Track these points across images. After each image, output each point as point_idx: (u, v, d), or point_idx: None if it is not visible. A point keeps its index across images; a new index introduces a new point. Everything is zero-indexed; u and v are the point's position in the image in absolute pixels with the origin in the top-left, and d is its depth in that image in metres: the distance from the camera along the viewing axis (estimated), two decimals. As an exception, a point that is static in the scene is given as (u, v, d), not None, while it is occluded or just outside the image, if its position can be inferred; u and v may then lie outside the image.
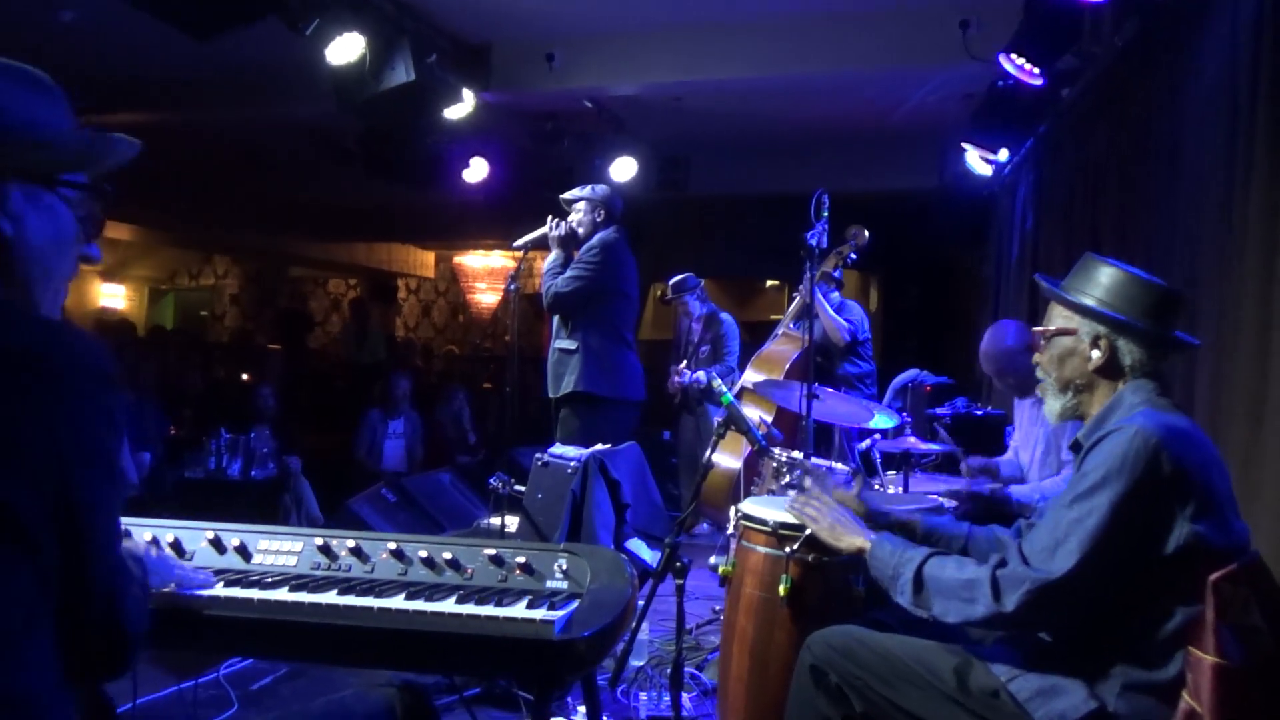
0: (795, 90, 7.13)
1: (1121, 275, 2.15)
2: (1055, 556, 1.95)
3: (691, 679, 3.64)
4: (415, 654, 1.98)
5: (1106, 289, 2.15)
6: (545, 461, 4.09)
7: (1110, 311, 2.12)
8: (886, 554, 2.23)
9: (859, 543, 2.34)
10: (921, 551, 2.18)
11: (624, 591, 2.01)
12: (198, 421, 7.65)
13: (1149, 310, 2.11)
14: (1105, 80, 4.98)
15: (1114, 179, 4.68)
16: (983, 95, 5.80)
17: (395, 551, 2.16)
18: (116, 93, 7.22)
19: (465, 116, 6.15)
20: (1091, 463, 1.99)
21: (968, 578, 2.04)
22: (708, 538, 6.23)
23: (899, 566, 2.18)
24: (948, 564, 2.11)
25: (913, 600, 2.14)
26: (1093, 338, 2.15)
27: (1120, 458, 1.93)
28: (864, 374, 6.25)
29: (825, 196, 4.47)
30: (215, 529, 2.23)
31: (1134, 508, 1.92)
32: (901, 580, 2.16)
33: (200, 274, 17.56)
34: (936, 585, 2.10)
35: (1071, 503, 1.98)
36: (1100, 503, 1.93)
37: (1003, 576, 1.99)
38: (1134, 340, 2.12)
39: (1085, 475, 1.99)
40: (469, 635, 1.88)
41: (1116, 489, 1.92)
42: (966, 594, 2.03)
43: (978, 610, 2.01)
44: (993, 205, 8.12)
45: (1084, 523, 1.93)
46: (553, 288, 4.96)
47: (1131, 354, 2.12)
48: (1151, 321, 2.11)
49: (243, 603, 1.97)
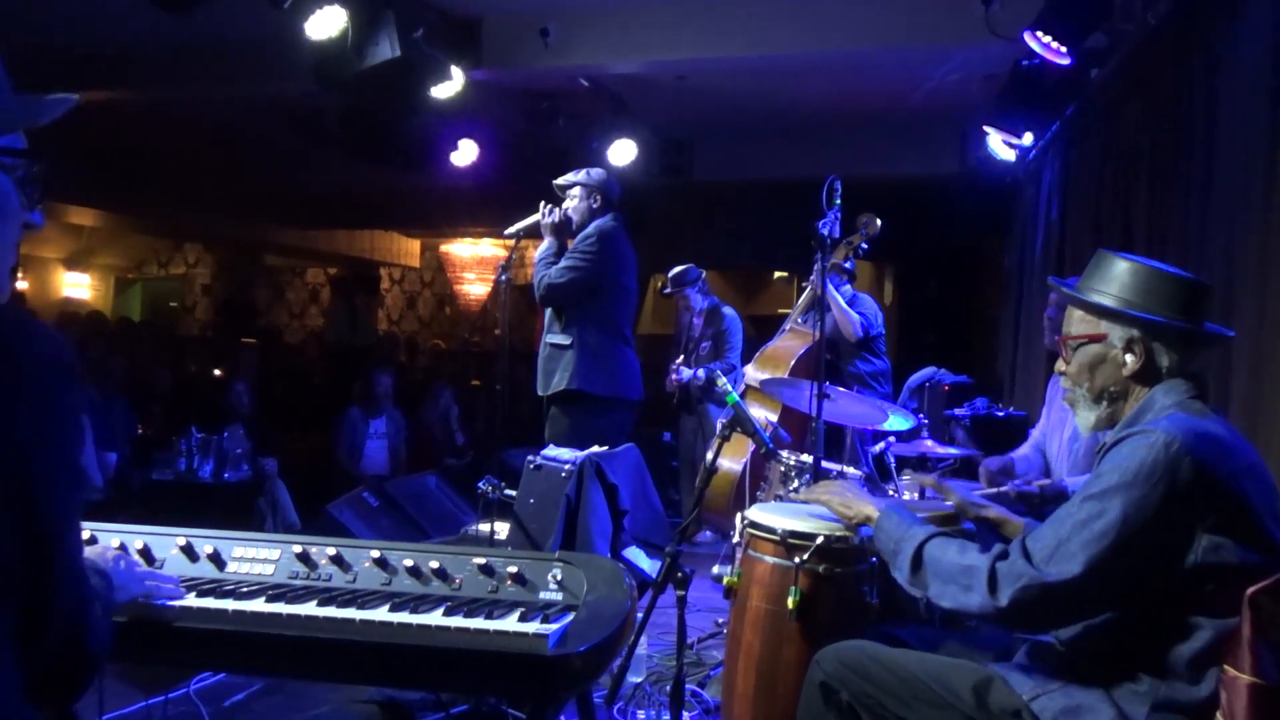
0: (807, 69, 7.12)
1: (1144, 270, 2.14)
2: (1055, 556, 1.96)
3: (693, 697, 3.64)
4: (400, 669, 1.98)
5: (1130, 287, 2.13)
6: (538, 464, 4.08)
7: (1141, 313, 2.10)
8: (892, 525, 2.27)
9: (868, 511, 2.39)
10: (926, 529, 2.21)
11: (622, 603, 2.02)
12: (167, 420, 7.66)
13: (1180, 306, 2.11)
14: (1137, 60, 4.98)
15: (1146, 165, 4.67)
16: (1006, 75, 5.80)
17: (379, 560, 2.16)
18: (82, 68, 7.22)
19: (454, 96, 6.15)
20: (1109, 463, 2.00)
21: (967, 564, 2.06)
22: (710, 546, 6.23)
23: (901, 541, 2.22)
24: (950, 546, 2.13)
25: (909, 578, 2.18)
26: (1125, 342, 2.13)
27: (1139, 462, 1.93)
28: (877, 372, 6.26)
29: (838, 183, 4.48)
30: (187, 535, 2.23)
31: (1146, 517, 1.92)
32: (901, 556, 2.20)
33: (170, 262, 17.56)
34: (935, 567, 2.13)
35: (1082, 503, 1.98)
36: (1110, 507, 1.93)
37: (1001, 569, 2.00)
38: (1169, 341, 2.11)
39: (1100, 476, 1.99)
40: (457, 650, 1.89)
41: (1129, 495, 1.92)
42: (964, 580, 2.05)
43: (973, 600, 2.03)
44: (1016, 193, 8.12)
45: (1090, 525, 1.94)
46: (546, 278, 4.96)
47: (1168, 355, 2.11)
48: (1184, 318, 2.11)
49: (216, 614, 1.97)
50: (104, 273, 17.19)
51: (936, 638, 2.42)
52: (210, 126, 9.28)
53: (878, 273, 12.23)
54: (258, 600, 2.02)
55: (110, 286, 17.37)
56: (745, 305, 12.74)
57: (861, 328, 6.01)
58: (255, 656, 2.05)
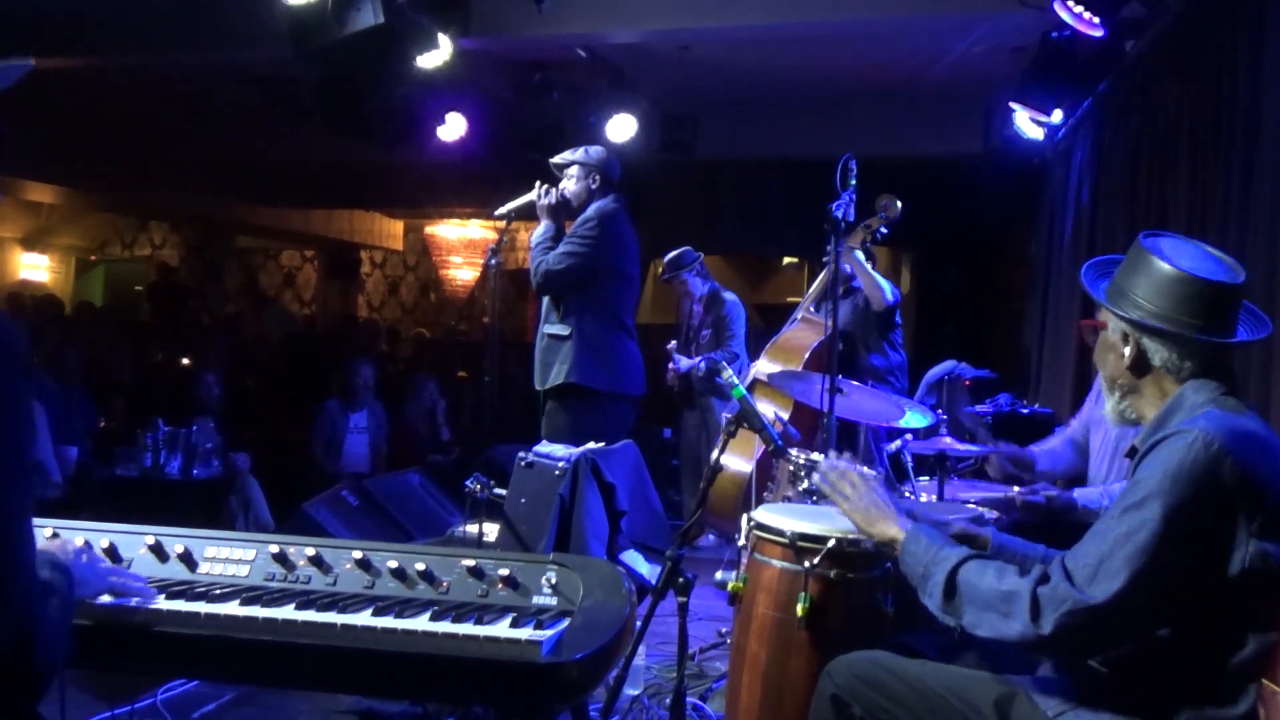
0: (820, 40, 7.11)
1: (1148, 260, 2.15)
2: (1099, 575, 1.95)
3: (694, 711, 3.66)
4: (383, 678, 2.00)
5: (1129, 276, 2.18)
6: (530, 461, 4.10)
7: (1113, 305, 2.16)
8: (921, 549, 2.23)
9: (892, 532, 2.33)
10: (960, 552, 2.18)
11: (621, 610, 2.03)
12: (131, 412, 7.66)
13: (1179, 304, 2.10)
14: (1176, 33, 4.98)
15: (1184, 147, 4.68)
16: (1035, 48, 5.79)
17: (361, 561, 2.17)
18: (37, 32, 7.19)
19: (441, 65, 6.13)
20: (1145, 470, 2.00)
21: (1007, 589, 2.04)
22: (714, 551, 6.26)
23: (932, 565, 2.18)
24: (988, 570, 2.11)
25: (942, 605, 2.14)
26: (1121, 333, 2.18)
27: (1177, 465, 1.94)
28: (894, 366, 6.26)
29: (853, 162, 4.48)
30: (156, 534, 2.25)
31: (1190, 522, 1.92)
32: (932, 581, 2.16)
33: (134, 243, 17.56)
34: (971, 593, 2.10)
35: (1121, 514, 1.98)
36: (1151, 516, 1.93)
37: (1043, 594, 1.99)
38: (1160, 338, 2.12)
39: (1138, 484, 2.00)
40: (444, 657, 1.90)
41: (1170, 500, 1.93)
42: (1003, 607, 2.03)
43: (1013, 628, 2.01)
44: (1044, 174, 8.12)
45: (1133, 538, 1.94)
46: (543, 265, 4.96)
47: (1158, 353, 2.14)
48: (1185, 321, 2.10)
49: (187, 617, 1.99)
50: (64, 254, 17.18)
51: (954, 649, 2.43)
52: (178, 97, 9.26)
53: (894, 259, 12.22)
54: (232, 603, 2.03)
55: (71, 268, 17.36)
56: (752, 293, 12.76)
57: (893, 291, 5.99)
58: (228, 663, 2.06)
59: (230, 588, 2.12)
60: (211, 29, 7.09)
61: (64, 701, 2.42)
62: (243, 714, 3.66)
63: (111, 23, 7.28)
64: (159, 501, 5.90)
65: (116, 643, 1.97)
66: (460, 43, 6.37)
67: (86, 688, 3.28)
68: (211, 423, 6.56)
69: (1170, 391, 2.14)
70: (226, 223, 15.63)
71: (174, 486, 6.11)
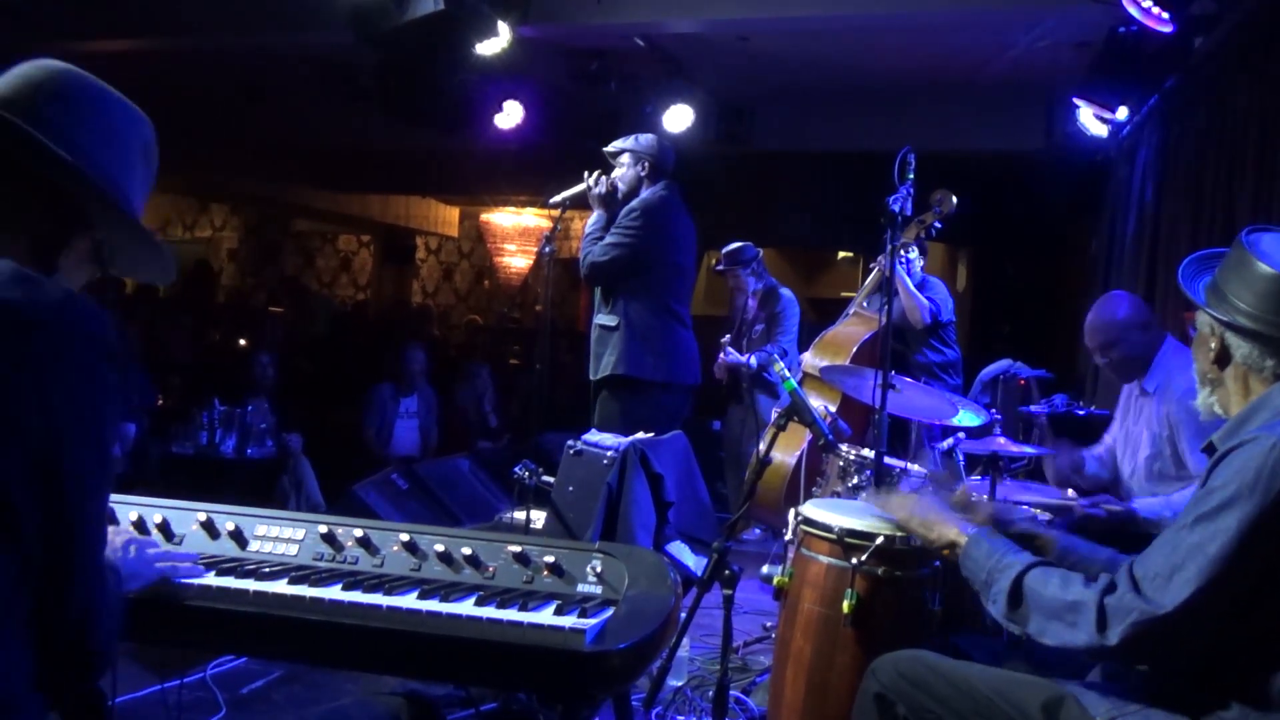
0: (880, 32, 7.05)
1: (1244, 257, 2.11)
2: (1170, 585, 1.92)
3: (737, 704, 3.65)
4: (427, 660, 2.01)
5: (1223, 271, 2.16)
6: (578, 450, 4.11)
7: (1202, 299, 2.14)
8: (983, 554, 2.21)
9: (952, 535, 2.32)
10: (1024, 559, 2.16)
11: (666, 600, 2.02)
12: (187, 391, 7.76)
13: (1264, 299, 2.06)
14: (1248, 29, 4.88)
15: (1254, 147, 4.59)
16: (1100, 43, 5.70)
17: (408, 544, 2.19)
18: (102, 16, 7.30)
19: (499, 53, 6.16)
20: (1220, 477, 1.96)
21: (1073, 599, 2.02)
22: (759, 544, 6.24)
23: (995, 572, 2.16)
24: (1052, 578, 2.09)
25: (1006, 612, 2.13)
26: (1209, 326, 2.17)
27: (1255, 473, 1.90)
28: (947, 362, 6.21)
29: (912, 156, 4.42)
30: (208, 511, 2.27)
31: (1264, 531, 1.89)
32: (996, 588, 2.15)
33: (195, 225, 17.79)
34: (1037, 601, 2.08)
35: (1194, 523, 1.94)
36: (1226, 525, 1.90)
37: (1110, 605, 1.97)
38: (1242, 333, 2.10)
39: (1211, 492, 1.96)
40: (488, 642, 1.90)
41: (1246, 509, 1.89)
42: (1070, 617, 2.01)
43: (1079, 637, 2.00)
44: (1107, 172, 7.99)
45: (1205, 549, 1.90)
46: (589, 256, 4.96)
47: (1240, 348, 2.11)
48: (1270, 320, 2.06)
49: (236, 594, 2.01)
50: (127, 234, 17.44)
51: (1003, 650, 2.41)
52: (239, 80, 9.35)
53: (951, 255, 12.10)
54: (280, 582, 2.05)
55: (133, 249, 17.62)
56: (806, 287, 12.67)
57: (929, 313, 5.96)
58: (275, 641, 2.08)
59: (279, 566, 2.14)
60: (273, 13, 7.16)
61: (115, 674, 2.47)
62: (290, 692, 3.71)
63: (174, 6, 7.37)
64: (213, 479, 6.00)
65: (166, 616, 2.00)
66: (519, 30, 6.39)
67: (137, 660, 3.33)
68: (266, 403, 6.64)
69: (1256, 390, 2.11)
70: (285, 206, 15.79)
71: (228, 465, 6.21)
